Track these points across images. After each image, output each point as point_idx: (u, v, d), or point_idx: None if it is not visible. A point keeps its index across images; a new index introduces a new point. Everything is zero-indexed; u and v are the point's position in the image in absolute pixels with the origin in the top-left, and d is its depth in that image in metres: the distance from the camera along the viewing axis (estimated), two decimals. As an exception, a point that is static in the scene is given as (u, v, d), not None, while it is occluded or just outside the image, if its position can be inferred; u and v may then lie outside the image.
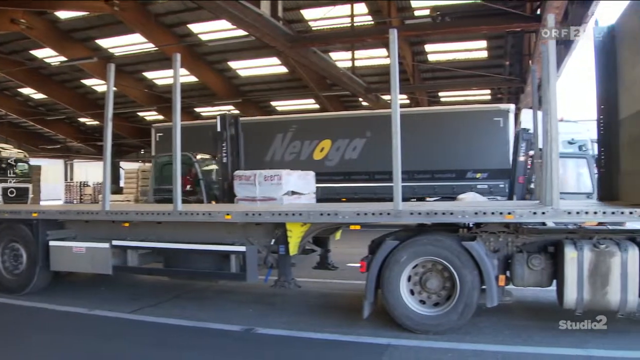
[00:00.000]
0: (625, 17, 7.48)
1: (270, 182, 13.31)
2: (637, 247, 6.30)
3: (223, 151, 14.92)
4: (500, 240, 7.02)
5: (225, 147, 14.89)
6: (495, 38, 21.25)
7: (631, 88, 6.99)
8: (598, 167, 8.72)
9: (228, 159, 14.87)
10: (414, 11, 19.20)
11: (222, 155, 14.96)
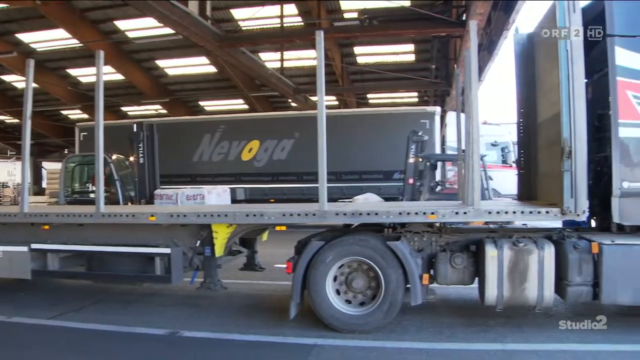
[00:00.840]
0: (543, 25, 7.77)
1: (193, 200, 13.23)
2: (553, 245, 6.59)
3: (140, 152, 14.64)
4: (424, 239, 7.18)
5: (142, 148, 14.61)
6: (422, 42, 21.69)
7: (548, 93, 7.27)
8: (518, 169, 9.04)
9: (145, 160, 14.60)
10: (344, 13, 19.36)
11: (138, 156, 14.67)
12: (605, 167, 6.83)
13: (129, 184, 15.60)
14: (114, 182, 15.11)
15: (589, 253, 6.50)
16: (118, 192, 14.97)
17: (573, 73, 6.41)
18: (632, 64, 6.63)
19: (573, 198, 6.37)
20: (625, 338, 6.52)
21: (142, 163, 14.61)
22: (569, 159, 6.36)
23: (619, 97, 6.59)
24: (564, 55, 6.48)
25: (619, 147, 6.59)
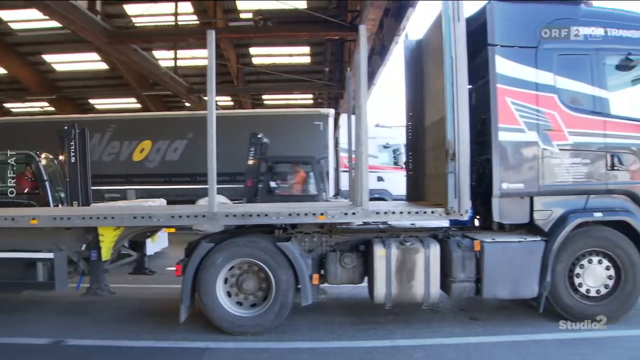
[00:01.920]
0: (431, 32, 8.10)
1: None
2: (438, 244, 6.88)
3: (71, 151, 13.88)
4: (314, 240, 7.27)
5: (73, 146, 13.88)
6: (317, 44, 21.89)
7: (435, 98, 7.57)
8: (407, 170, 9.35)
9: (77, 159, 13.85)
10: (240, 13, 19.22)
11: (70, 155, 13.88)
12: (487, 169, 7.20)
13: (57, 185, 14.72)
14: (42, 182, 14.20)
15: (472, 251, 6.84)
16: (47, 193, 14.06)
17: (457, 79, 6.70)
18: (511, 72, 7.05)
19: (457, 198, 6.67)
20: (504, 329, 6.94)
21: (74, 162, 13.83)
22: (453, 161, 6.65)
23: (498, 103, 6.98)
24: (449, 62, 6.76)
25: (499, 150, 6.98)
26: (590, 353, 6.12)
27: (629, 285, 6.99)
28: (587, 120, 7.12)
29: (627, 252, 6.99)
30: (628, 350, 6.22)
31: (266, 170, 13.82)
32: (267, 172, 13.78)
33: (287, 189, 14.19)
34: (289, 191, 14.00)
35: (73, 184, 13.37)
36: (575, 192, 7.11)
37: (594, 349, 6.26)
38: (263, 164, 14.04)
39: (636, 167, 7.18)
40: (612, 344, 6.43)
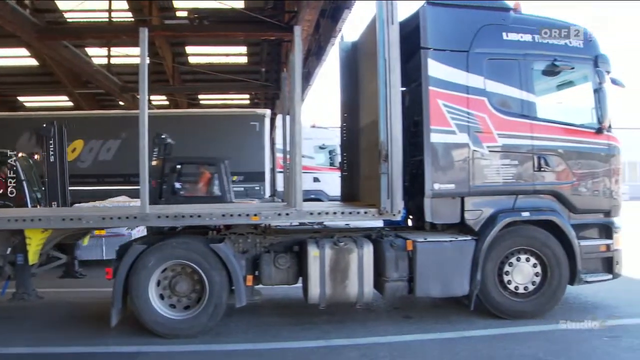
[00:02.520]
0: (366, 34, 8.19)
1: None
2: (371, 244, 6.95)
3: (50, 150, 13.20)
4: (248, 241, 7.23)
5: (52, 145, 13.26)
6: (254, 45, 21.75)
7: (369, 99, 7.65)
8: (341, 171, 9.41)
9: (56, 158, 13.35)
10: (176, 12, 18.92)
11: (49, 155, 13.34)
12: (420, 170, 7.32)
13: (34, 185, 14.08)
14: (19, 182, 13.54)
15: (404, 250, 6.95)
16: (25, 194, 13.40)
17: (390, 81, 6.79)
18: (443, 75, 7.22)
19: (389, 199, 6.76)
20: (436, 327, 7.06)
21: (53, 162, 13.30)
22: (386, 162, 6.74)
23: (430, 105, 7.13)
24: (382, 64, 6.84)
25: (430, 151, 7.13)
26: (517, 347, 6.30)
27: (554, 282, 7.26)
28: (515, 123, 7.36)
29: (553, 250, 7.26)
30: (554, 344, 6.43)
31: (170, 171, 13.64)
32: (171, 173, 13.60)
33: (191, 190, 14.02)
34: (193, 192, 13.81)
35: (53, 184, 12.99)
36: (504, 193, 7.35)
37: (520, 343, 6.45)
38: (167, 165, 13.84)
39: (561, 168, 7.48)
40: (541, 338, 6.66)
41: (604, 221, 7.74)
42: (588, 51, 7.68)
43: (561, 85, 8.05)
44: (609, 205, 7.74)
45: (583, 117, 7.78)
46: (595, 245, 7.60)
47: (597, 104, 7.60)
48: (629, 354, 6.12)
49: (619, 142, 7.78)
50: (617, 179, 7.81)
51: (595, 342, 6.48)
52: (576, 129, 7.61)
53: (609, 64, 7.74)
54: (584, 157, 7.60)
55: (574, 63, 7.65)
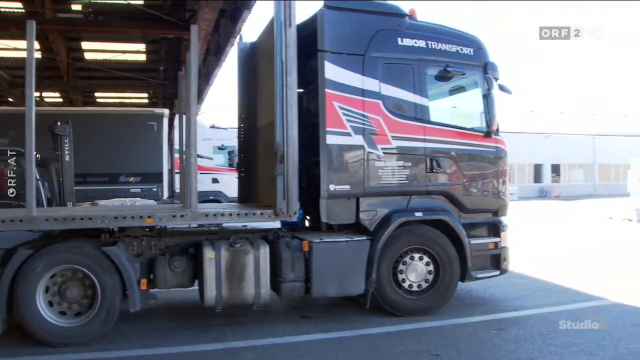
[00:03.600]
0: (264, 36, 8.18)
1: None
2: (268, 245, 6.94)
3: (66, 148, 12.66)
4: (143, 243, 7.03)
5: (67, 144, 12.68)
6: (153, 42, 21.22)
7: (266, 101, 7.65)
8: (239, 172, 9.35)
9: (71, 157, 12.73)
10: (72, 5, 18.13)
11: (64, 153, 12.63)
12: (317, 171, 7.38)
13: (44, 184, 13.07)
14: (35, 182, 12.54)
15: (301, 251, 7.00)
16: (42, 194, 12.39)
17: (287, 83, 6.82)
18: (339, 78, 7.31)
19: (285, 200, 6.79)
20: (333, 326, 7.12)
21: (69, 161, 12.71)
22: (282, 163, 6.76)
23: (326, 107, 7.21)
24: (279, 66, 6.86)
25: (326, 153, 7.21)
26: (412, 343, 6.48)
27: (446, 279, 7.52)
28: (409, 126, 7.57)
29: (445, 248, 7.52)
30: (445, 339, 6.66)
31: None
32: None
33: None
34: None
35: (69, 184, 12.65)
36: (398, 193, 7.55)
37: (415, 339, 6.63)
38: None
39: (453, 170, 7.77)
40: (434, 333, 6.87)
41: (493, 220, 8.13)
42: (478, 58, 8.04)
43: (453, 90, 8.37)
44: (497, 205, 8.13)
45: (473, 121, 8.13)
46: (484, 243, 7.96)
47: (485, 109, 7.95)
48: (514, 345, 6.43)
49: (506, 145, 8.18)
50: (505, 180, 8.21)
51: (484, 336, 6.79)
52: (466, 133, 7.93)
53: (497, 72, 8.12)
54: (473, 159, 7.94)
55: (465, 69, 7.98)
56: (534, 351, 6.18)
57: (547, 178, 47.06)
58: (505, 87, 8.24)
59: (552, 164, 47.26)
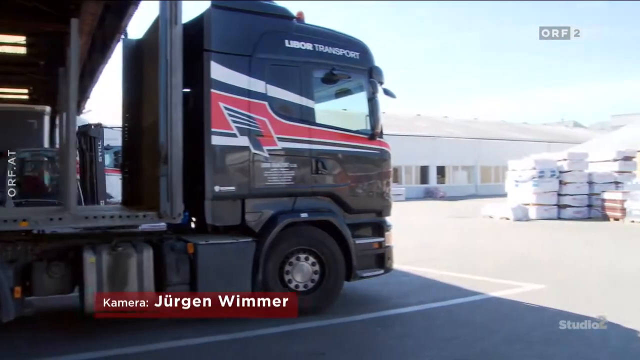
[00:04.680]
0: (149, 33, 7.99)
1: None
2: (152, 248, 6.78)
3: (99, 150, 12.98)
4: (18, 249, 6.65)
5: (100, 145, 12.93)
6: (33, 35, 20.21)
7: (151, 100, 7.47)
8: (122, 173, 9.09)
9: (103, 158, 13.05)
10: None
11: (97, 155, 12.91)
12: (202, 172, 7.28)
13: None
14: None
15: (186, 253, 6.89)
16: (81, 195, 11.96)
17: (172, 82, 6.71)
18: (226, 78, 7.27)
19: (169, 202, 6.67)
20: (229, 328, 6.92)
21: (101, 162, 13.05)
22: (166, 164, 6.63)
23: (212, 108, 7.15)
24: (164, 65, 6.74)
25: (211, 154, 7.16)
26: (301, 343, 6.54)
27: (332, 279, 7.65)
28: (295, 128, 7.63)
29: (330, 249, 7.64)
30: (333, 337, 6.80)
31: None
32: None
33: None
34: None
35: (101, 184, 12.96)
36: (284, 194, 7.59)
37: (304, 339, 6.70)
38: None
39: (338, 171, 7.91)
40: (322, 332, 6.96)
41: (377, 220, 8.33)
42: (364, 62, 8.22)
43: (339, 93, 8.50)
44: (381, 205, 8.36)
45: (358, 123, 8.27)
46: (369, 243, 8.14)
47: (370, 112, 8.14)
48: (397, 341, 6.67)
49: (390, 148, 8.41)
50: (388, 181, 8.46)
51: (369, 333, 6.96)
52: (351, 135, 8.07)
53: (382, 76, 8.32)
54: (358, 161, 8.11)
55: (351, 73, 8.13)
56: (417, 346, 6.39)
57: (433, 179, 48.79)
58: (390, 91, 8.47)
59: (437, 166, 49.04)
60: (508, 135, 55.54)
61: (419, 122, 55.73)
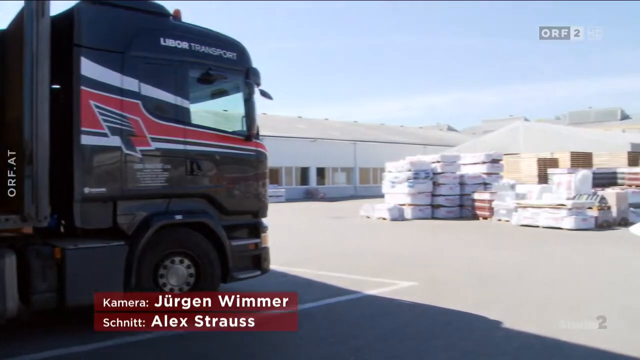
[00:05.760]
0: (14, 25, 7.53)
1: None
2: (15, 254, 6.38)
3: None
4: None
5: None
6: None
7: (15, 96, 7.04)
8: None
9: None
10: None
11: None
12: (71, 173, 6.97)
13: None
14: None
15: (52, 259, 6.54)
16: None
17: (37, 77, 6.38)
18: (97, 75, 7.00)
19: (34, 204, 6.33)
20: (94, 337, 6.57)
21: None
22: (31, 164, 6.30)
23: (82, 106, 6.86)
24: (29, 59, 6.40)
25: (80, 154, 6.86)
26: (193, 345, 6.47)
27: (207, 282, 7.53)
28: (169, 128, 7.45)
29: (206, 251, 7.54)
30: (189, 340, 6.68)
31: None
32: None
33: None
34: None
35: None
36: (158, 196, 7.40)
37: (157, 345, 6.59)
38: None
39: (213, 172, 7.81)
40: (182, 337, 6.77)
41: (253, 222, 8.32)
42: (241, 63, 8.18)
43: (215, 93, 8.44)
44: (257, 206, 8.35)
45: (234, 124, 8.25)
46: (245, 244, 8.11)
47: (246, 113, 8.11)
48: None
49: (266, 149, 8.43)
50: (265, 182, 8.47)
51: (235, 337, 6.80)
52: (227, 136, 7.99)
53: (259, 77, 8.33)
54: (234, 162, 8.05)
55: (228, 73, 8.07)
56: (292, 346, 6.47)
57: (313, 180, 49.47)
58: (266, 93, 8.51)
59: (317, 167, 49.78)
60: (386, 137, 57.42)
61: (300, 124, 56.38)
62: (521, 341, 6.54)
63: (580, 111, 76.49)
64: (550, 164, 27.31)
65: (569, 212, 19.07)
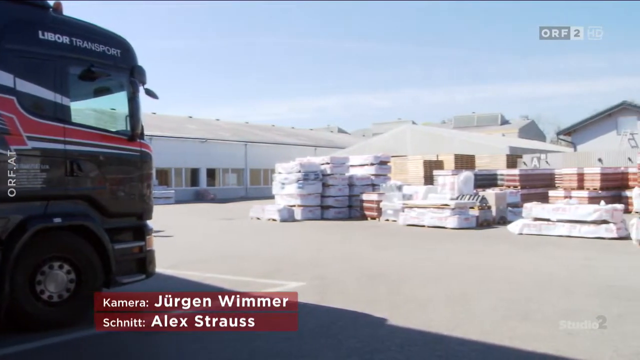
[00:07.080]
0: None
1: None
2: None
3: None
4: None
5: None
6: None
7: None
8: None
9: None
10: None
11: None
12: None
13: None
14: None
15: None
16: None
17: None
18: None
19: None
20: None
21: None
22: None
23: None
24: None
25: None
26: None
27: (89, 287, 7.23)
28: (47, 126, 7.07)
29: (87, 255, 7.26)
30: (94, 349, 6.51)
31: None
32: None
33: None
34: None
35: None
36: (35, 198, 6.98)
37: (58, 353, 6.39)
38: None
39: (95, 173, 7.50)
40: (79, 346, 6.66)
41: (137, 224, 8.05)
42: (125, 61, 7.90)
43: (98, 91, 8.11)
44: (142, 208, 8.09)
45: (118, 124, 7.99)
46: (129, 248, 7.83)
47: (130, 112, 7.84)
48: (151, 349, 6.56)
49: (151, 150, 8.20)
50: (150, 183, 8.24)
51: (130, 341, 6.71)
52: (110, 135, 7.70)
53: (144, 76, 8.08)
54: (117, 162, 7.77)
55: (111, 71, 7.77)
56: (175, 353, 6.36)
57: (204, 182, 48.90)
58: (152, 92, 8.26)
59: (208, 168, 49.27)
60: (277, 139, 57.70)
61: (191, 124, 55.57)
62: (405, 337, 6.74)
63: (465, 116, 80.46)
64: (435, 166, 28.50)
65: (452, 212, 19.88)
